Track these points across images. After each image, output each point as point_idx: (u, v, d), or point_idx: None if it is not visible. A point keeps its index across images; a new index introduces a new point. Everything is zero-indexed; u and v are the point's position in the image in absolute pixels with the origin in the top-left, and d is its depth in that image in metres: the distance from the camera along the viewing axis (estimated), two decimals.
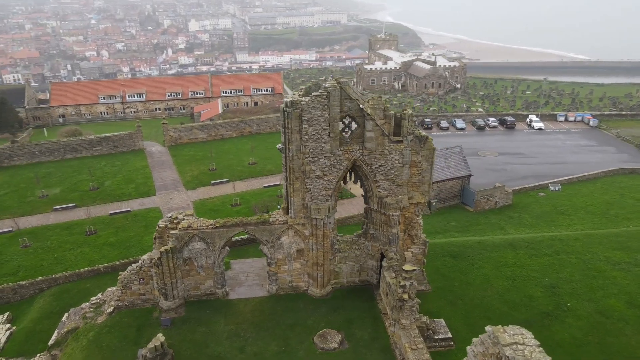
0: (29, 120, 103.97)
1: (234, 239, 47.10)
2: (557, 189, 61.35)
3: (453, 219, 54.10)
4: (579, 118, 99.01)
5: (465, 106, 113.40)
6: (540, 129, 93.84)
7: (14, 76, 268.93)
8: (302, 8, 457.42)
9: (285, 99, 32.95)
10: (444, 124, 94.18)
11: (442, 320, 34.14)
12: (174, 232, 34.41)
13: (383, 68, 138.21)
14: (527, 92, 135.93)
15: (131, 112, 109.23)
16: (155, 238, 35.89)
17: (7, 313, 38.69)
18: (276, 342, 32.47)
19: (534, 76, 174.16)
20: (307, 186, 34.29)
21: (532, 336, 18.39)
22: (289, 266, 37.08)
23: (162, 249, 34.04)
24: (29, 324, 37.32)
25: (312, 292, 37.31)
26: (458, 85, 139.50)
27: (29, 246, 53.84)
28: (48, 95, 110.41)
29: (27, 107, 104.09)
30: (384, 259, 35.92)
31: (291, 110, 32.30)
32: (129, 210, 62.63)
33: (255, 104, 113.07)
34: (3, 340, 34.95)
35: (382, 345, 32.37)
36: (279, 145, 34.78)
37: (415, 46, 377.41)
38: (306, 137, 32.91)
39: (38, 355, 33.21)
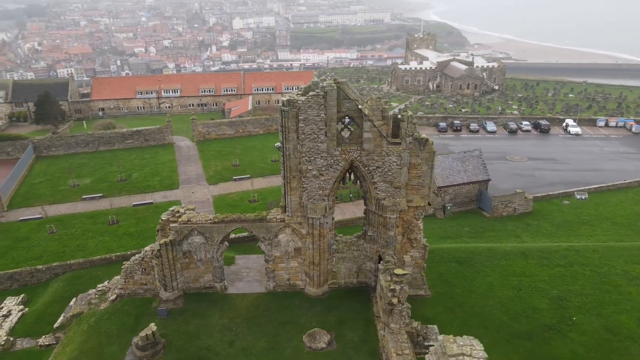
0: (71, 113, 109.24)
1: (241, 234, 48.09)
2: (583, 197, 58.61)
3: (467, 224, 52.75)
4: (620, 123, 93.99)
5: (500, 108, 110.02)
6: (576, 134, 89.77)
7: (67, 70, 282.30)
8: (345, 7, 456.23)
9: (282, 98, 33.19)
10: (473, 126, 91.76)
11: (435, 327, 33.48)
12: (173, 225, 35.40)
13: (418, 68, 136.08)
14: (570, 95, 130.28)
15: (166, 107, 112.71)
16: (158, 230, 37.03)
17: (22, 295, 41.02)
18: (266, 339, 32.84)
19: (580, 78, 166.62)
20: (304, 185, 34.42)
21: (482, 348, 17.78)
22: (287, 264, 37.36)
23: (162, 241, 35.11)
24: (40, 307, 39.42)
25: (309, 291, 37.44)
26: (496, 87, 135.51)
27: (55, 233, 56.71)
28: (90, 89, 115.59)
29: (69, 100, 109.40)
30: (381, 262, 35.56)
31: (288, 109, 32.50)
32: (152, 203, 64.72)
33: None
34: (15, 320, 37.09)
35: (370, 349, 32.13)
36: (277, 144, 35.05)
37: (459, 46, 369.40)
38: (303, 136, 33.03)
39: (44, 336, 35.08)
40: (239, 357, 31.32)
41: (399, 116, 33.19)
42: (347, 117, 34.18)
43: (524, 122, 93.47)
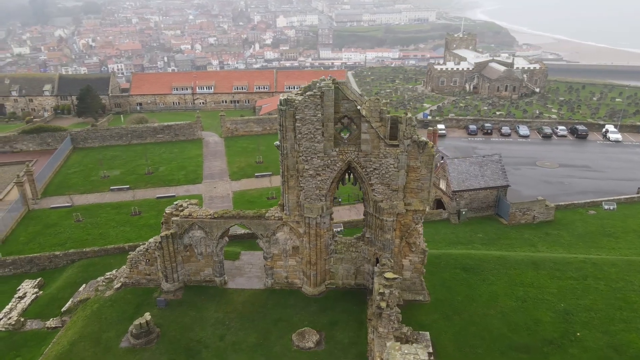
0: (111, 107, 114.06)
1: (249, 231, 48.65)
2: (611, 207, 55.68)
3: (481, 230, 51.26)
4: None
5: (537, 112, 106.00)
6: (616, 141, 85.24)
7: (117, 66, 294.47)
8: (390, 5, 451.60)
9: (280, 97, 33.43)
10: (505, 129, 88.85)
11: (427, 333, 32.85)
12: (175, 218, 36.40)
13: (454, 68, 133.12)
14: (617, 100, 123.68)
15: (200, 103, 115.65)
16: (162, 223, 38.15)
17: (39, 279, 43.35)
18: (256, 335, 33.25)
19: (633, 82, 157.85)
20: (301, 185, 34.55)
21: (426, 358, 17.31)
22: (285, 262, 37.63)
23: (163, 233, 36.19)
24: (53, 291, 41.54)
25: (306, 290, 37.57)
26: (536, 89, 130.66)
27: (81, 221, 59.48)
28: (129, 85, 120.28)
29: (110, 94, 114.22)
30: (377, 264, 35.22)
31: (285, 108, 32.71)
32: (174, 196, 66.60)
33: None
34: (28, 302, 39.28)
35: (359, 351, 31.92)
36: (276, 142, 35.35)
37: (506, 46, 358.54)
38: (299, 135, 33.15)
39: (51, 319, 36.96)
40: (228, 351, 31.89)
41: (398, 117, 32.74)
42: (346, 118, 34.04)
43: (560, 127, 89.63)
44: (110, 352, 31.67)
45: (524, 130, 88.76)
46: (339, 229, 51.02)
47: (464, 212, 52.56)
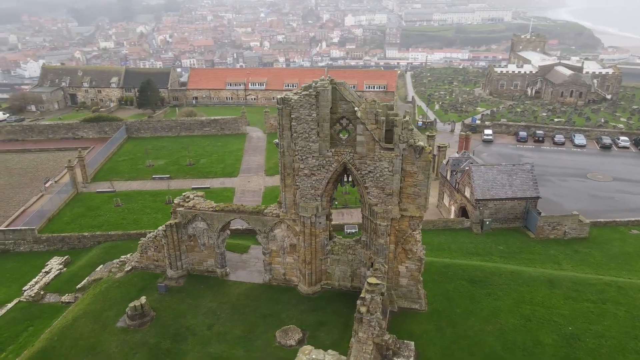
0: (169, 100, 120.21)
1: None
2: None
3: (504, 242, 48.63)
4: None
5: (602, 120, 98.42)
6: None
7: (190, 61, 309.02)
8: (463, 4, 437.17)
9: (278, 96, 33.79)
10: (558, 138, 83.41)
11: (412, 343, 31.81)
12: (179, 209, 37.97)
13: (516, 72, 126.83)
14: None
15: (252, 99, 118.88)
16: (171, 212, 39.90)
17: (66, 256, 46.88)
18: (243, 327, 33.95)
19: None
20: (297, 183, 34.76)
21: None
22: (283, 259, 38.04)
23: (168, 223, 37.88)
24: (75, 269, 44.78)
25: (301, 289, 37.76)
26: (608, 96, 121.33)
27: (120, 206, 63.46)
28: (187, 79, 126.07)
29: (169, 88, 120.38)
30: (370, 268, 34.71)
31: (282, 107, 33.04)
32: (209, 187, 69.16)
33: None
34: (51, 277, 42.67)
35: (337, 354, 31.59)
36: (276, 141, 35.77)
37: (589, 48, 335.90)
38: (295, 135, 33.36)
39: (67, 294, 39.90)
40: (212, 340, 32.84)
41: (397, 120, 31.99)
42: (344, 119, 33.80)
43: (622, 138, 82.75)
44: (106, 330, 33.70)
45: (579, 139, 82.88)
46: (353, 230, 50.74)
47: (487, 222, 50.18)
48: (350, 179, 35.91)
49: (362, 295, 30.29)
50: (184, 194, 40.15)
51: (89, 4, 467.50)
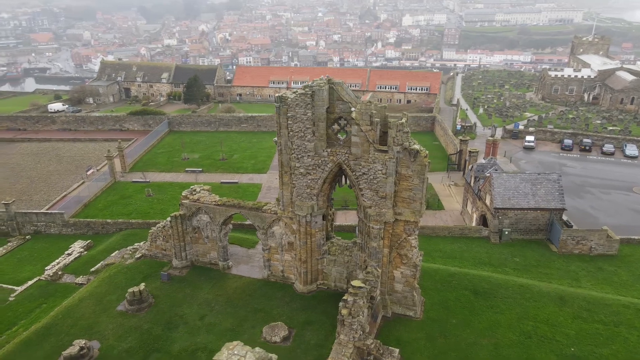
0: (215, 96, 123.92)
1: None
2: None
3: (521, 254, 46.24)
4: None
5: None
6: None
7: (246, 59, 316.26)
8: (529, 4, 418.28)
9: (276, 94, 34.03)
10: (608, 147, 78.14)
11: (397, 350, 31.02)
12: (185, 201, 39.19)
13: (572, 76, 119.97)
14: None
15: None
16: (180, 204, 41.25)
17: (89, 241, 49.65)
18: (232, 320, 34.53)
19: None
20: (293, 182, 34.90)
21: None
22: (281, 256, 38.31)
23: (173, 214, 39.21)
24: (94, 253, 47.34)
25: (296, 287, 37.87)
26: None
27: (151, 196, 66.37)
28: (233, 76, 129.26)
29: (215, 84, 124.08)
30: (364, 271, 34.25)
31: (279, 105, 33.27)
32: (237, 182, 70.89)
33: (408, 101, 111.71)
34: (71, 259, 45.37)
35: (320, 354, 31.41)
36: (275, 139, 36.04)
37: None
38: (291, 133, 33.50)
39: (81, 276, 42.30)
40: (202, 330, 33.68)
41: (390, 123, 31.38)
42: (342, 119, 33.56)
43: None
44: (106, 312, 35.40)
45: (631, 149, 77.25)
46: None
47: (507, 232, 47.97)
48: (347, 181, 35.62)
49: (344, 297, 30.01)
50: (191, 187, 41.35)
51: (156, 2, 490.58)
